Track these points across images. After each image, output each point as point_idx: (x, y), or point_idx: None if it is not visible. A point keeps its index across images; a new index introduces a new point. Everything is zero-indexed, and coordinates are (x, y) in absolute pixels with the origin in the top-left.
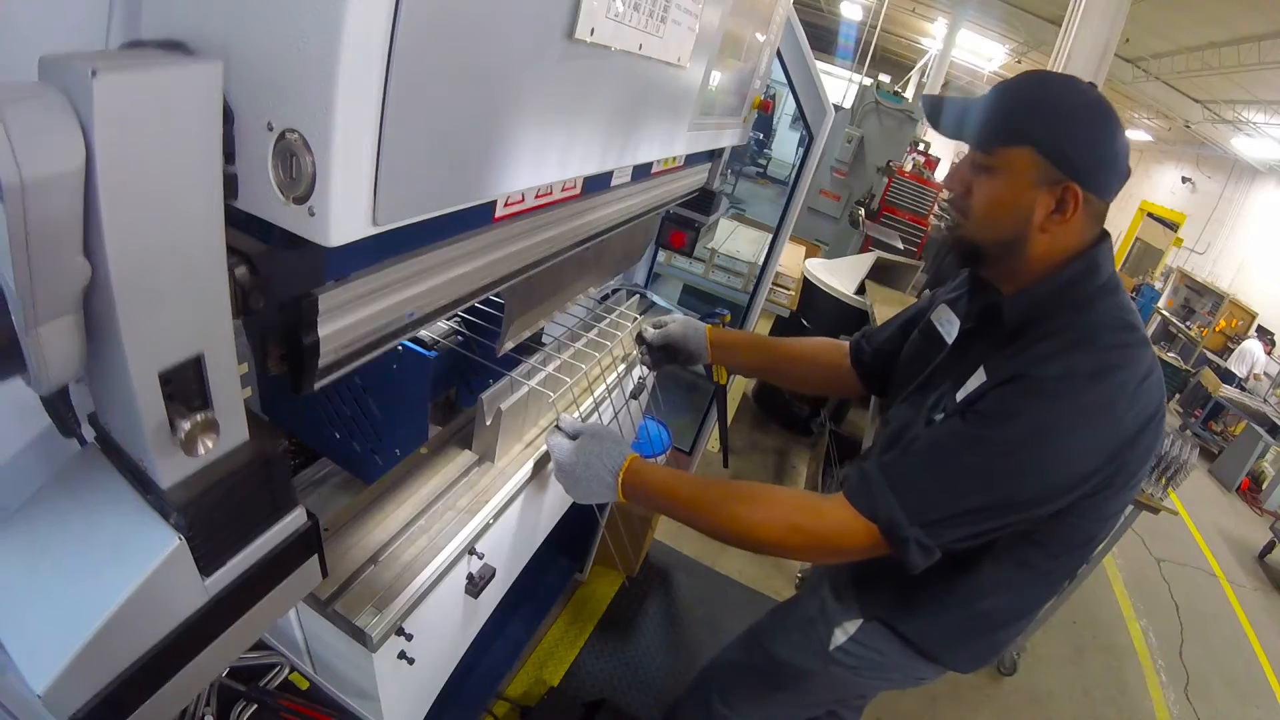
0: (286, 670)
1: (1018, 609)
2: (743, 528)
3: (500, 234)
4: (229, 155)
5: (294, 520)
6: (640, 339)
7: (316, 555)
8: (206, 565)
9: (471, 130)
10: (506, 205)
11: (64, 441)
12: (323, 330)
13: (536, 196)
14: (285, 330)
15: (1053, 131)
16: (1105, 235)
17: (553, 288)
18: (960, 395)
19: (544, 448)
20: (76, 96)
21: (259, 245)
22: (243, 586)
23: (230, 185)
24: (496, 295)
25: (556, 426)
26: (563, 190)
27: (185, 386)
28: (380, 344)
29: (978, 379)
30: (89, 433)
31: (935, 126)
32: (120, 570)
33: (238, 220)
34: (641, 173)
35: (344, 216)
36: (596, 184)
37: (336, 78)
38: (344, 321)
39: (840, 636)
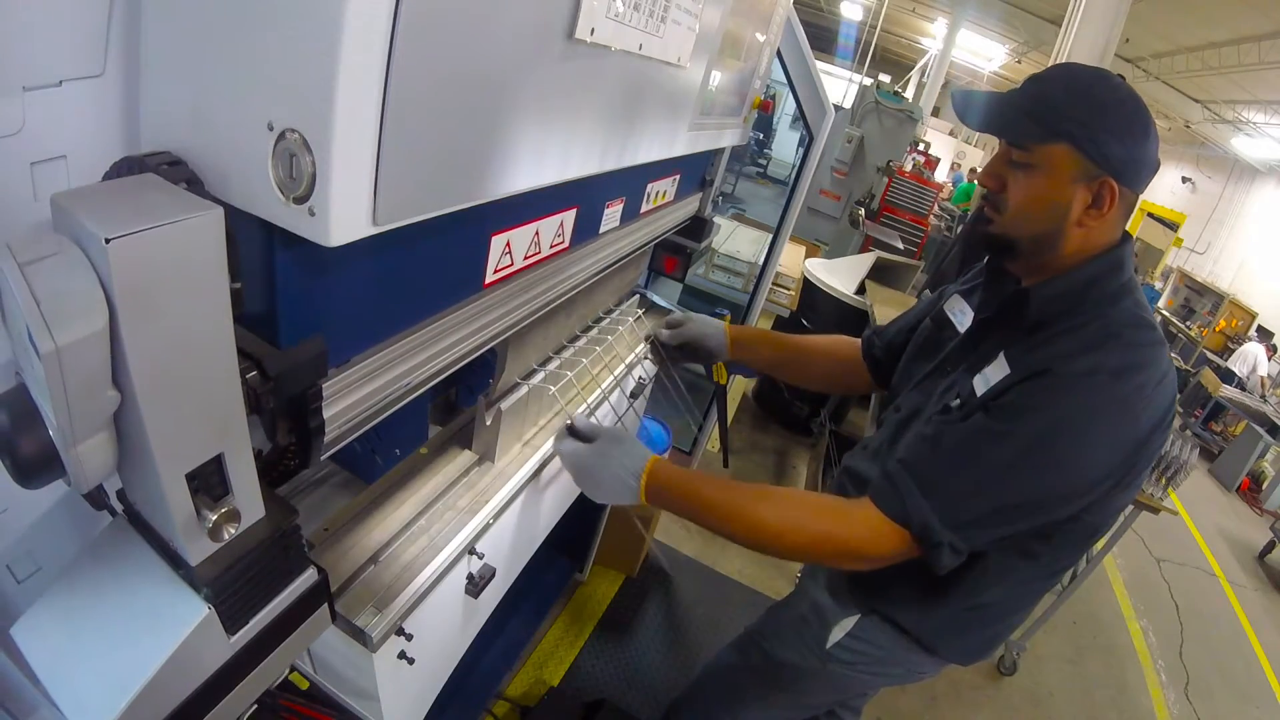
0: (287, 670)
1: (1018, 601)
2: (769, 534)
3: (491, 299)
4: (234, 274)
5: (306, 579)
6: (654, 340)
7: (326, 604)
8: (231, 626)
9: (471, 130)
10: (495, 271)
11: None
12: (327, 412)
13: (525, 258)
14: (292, 415)
15: (1089, 128)
16: (1128, 236)
17: (543, 332)
18: (979, 382)
19: (544, 447)
20: (93, 255)
21: (266, 347)
22: (262, 638)
23: (237, 300)
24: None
25: (569, 429)
26: (551, 246)
27: (208, 480)
28: (380, 413)
29: (999, 368)
30: (113, 497)
31: (965, 121)
32: (158, 636)
33: (243, 319)
34: (630, 214)
35: (344, 216)
36: (584, 234)
37: (336, 78)
38: (346, 402)
39: (838, 634)
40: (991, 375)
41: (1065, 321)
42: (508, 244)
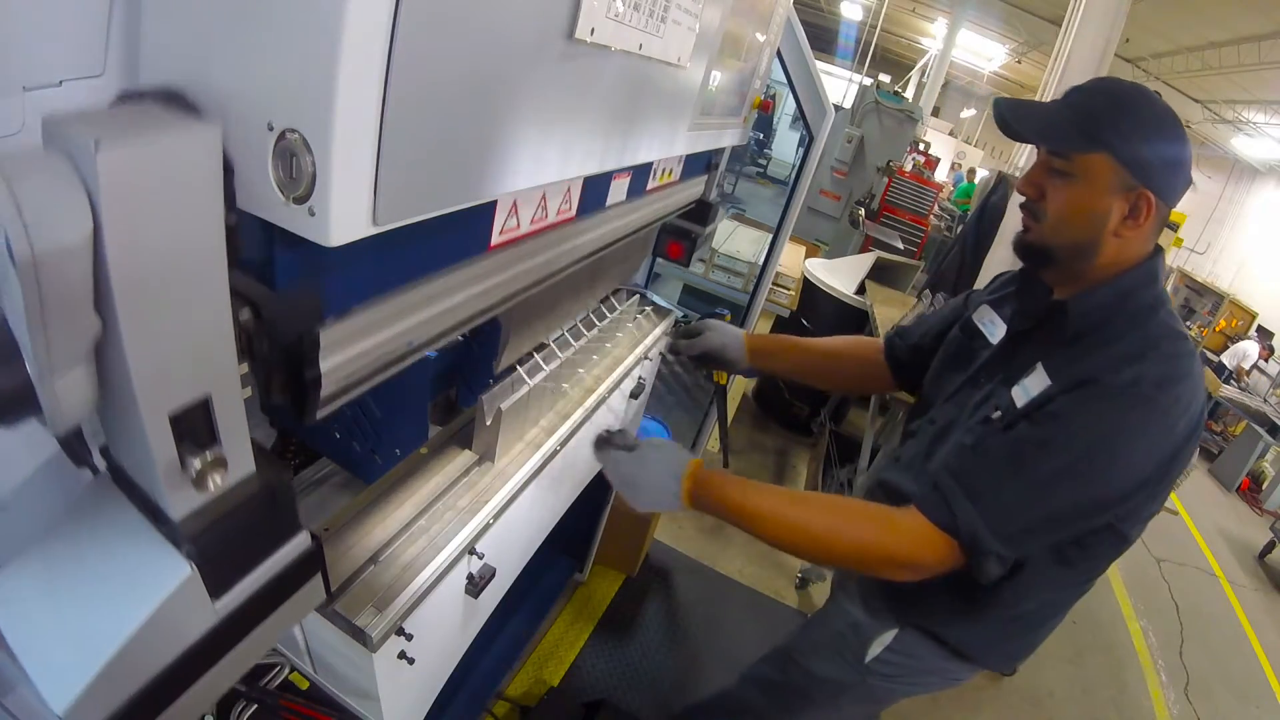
0: (286, 670)
1: (1055, 607)
2: (814, 540)
3: (496, 261)
4: (230, 205)
5: (299, 544)
6: (673, 350)
7: (320, 574)
8: (216, 589)
9: (472, 130)
10: (502, 233)
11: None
12: (324, 364)
13: (531, 222)
14: (288, 366)
15: (1129, 140)
16: (1159, 248)
17: (549, 306)
18: (1018, 393)
19: (545, 447)
20: (81, 165)
21: (261, 289)
22: (250, 607)
23: (232, 234)
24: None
25: (606, 439)
26: (557, 214)
27: (194, 426)
28: (380, 372)
29: (1039, 379)
30: (97, 455)
31: (1007, 130)
32: (135, 598)
33: (240, 263)
34: (637, 190)
35: (344, 216)
36: (591, 204)
37: (336, 77)
38: (345, 354)
39: (876, 648)
40: (1031, 387)
41: (1103, 332)
42: (514, 206)
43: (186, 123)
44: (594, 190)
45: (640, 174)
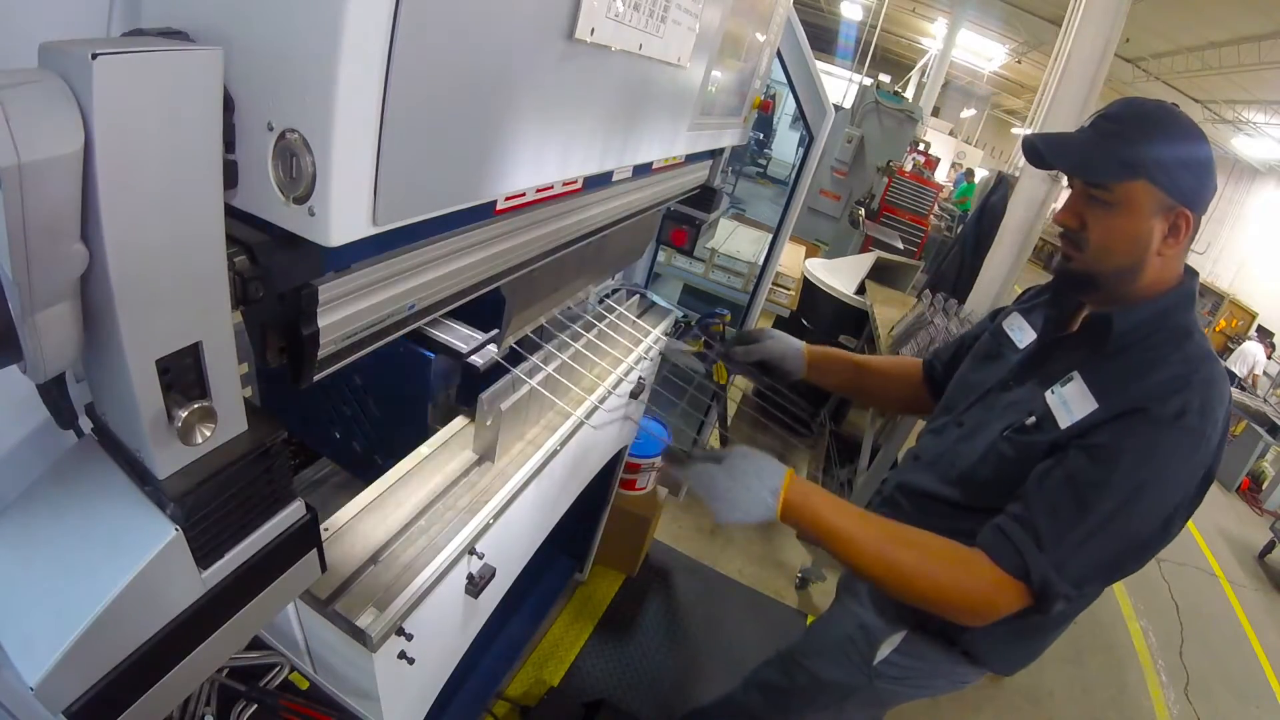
0: (286, 670)
1: (1067, 615)
2: (902, 577)
3: (501, 227)
4: (229, 144)
5: (293, 513)
6: (727, 356)
7: (316, 549)
8: (204, 557)
9: (472, 130)
10: (508, 199)
11: (63, 435)
12: (322, 321)
13: (538, 191)
14: (285, 321)
15: (1164, 164)
16: (1195, 273)
17: (553, 283)
18: (1054, 402)
19: (545, 447)
20: (76, 81)
21: (259, 235)
22: (241, 579)
23: (230, 173)
24: (497, 289)
25: (688, 455)
26: (564, 185)
27: (183, 375)
28: (381, 336)
29: (1081, 396)
30: (85, 424)
31: (1037, 163)
32: (116, 562)
33: (239, 210)
34: (643, 169)
35: (344, 217)
36: (598, 179)
37: (337, 78)
38: (344, 312)
39: (885, 650)
40: (1072, 402)
41: (1145, 351)
42: None
43: (187, 45)
44: None
45: None
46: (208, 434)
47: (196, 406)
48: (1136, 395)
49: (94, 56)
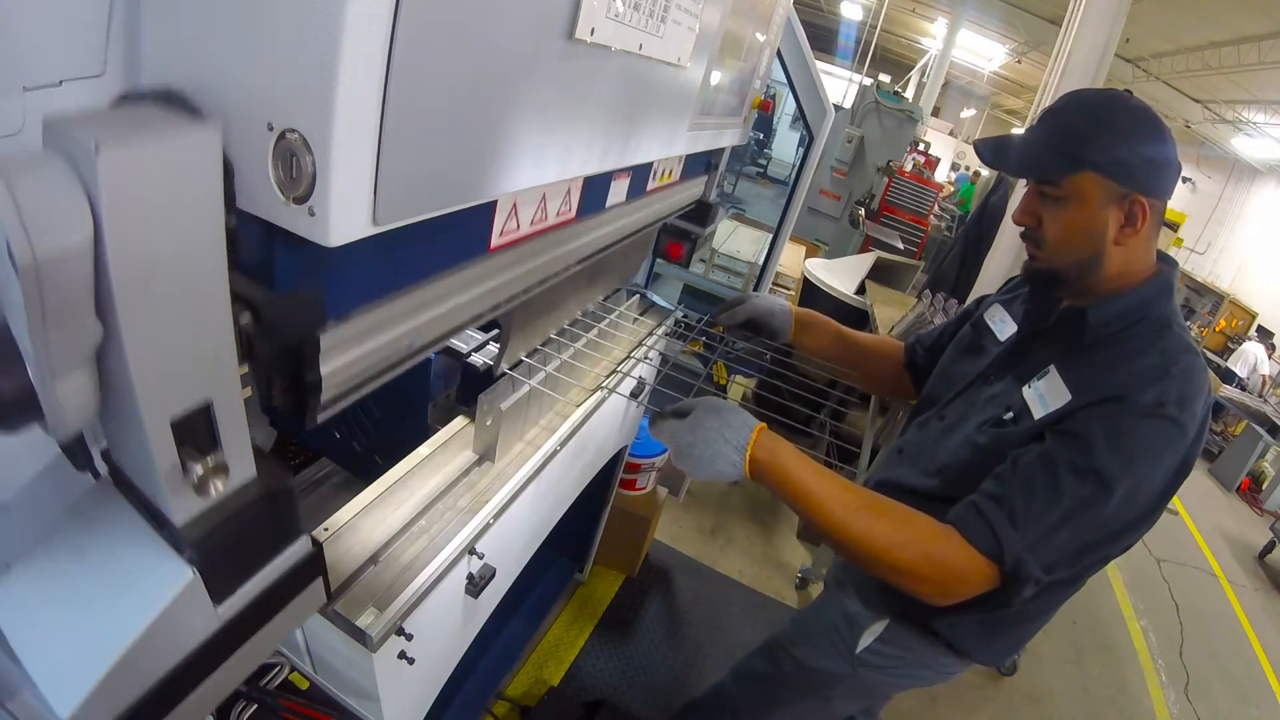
0: (286, 670)
1: (1046, 605)
2: (874, 546)
3: (496, 263)
4: (230, 206)
5: (300, 548)
6: (713, 324)
7: (321, 578)
8: (218, 594)
9: (472, 130)
10: (502, 234)
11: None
12: (325, 367)
13: (531, 223)
14: (289, 369)
15: (1110, 152)
16: (1174, 261)
17: (549, 306)
18: (1030, 396)
19: (545, 447)
20: (82, 167)
21: (262, 291)
22: (252, 611)
23: (232, 235)
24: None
25: (659, 413)
26: (557, 215)
27: (195, 430)
28: (381, 375)
29: (1056, 389)
30: (100, 465)
31: (996, 167)
32: (138, 603)
33: (240, 264)
34: (636, 190)
35: (344, 216)
36: (591, 206)
37: (337, 77)
38: (345, 358)
39: (867, 638)
40: (1047, 394)
41: (1122, 344)
42: (514, 208)
43: (187, 124)
44: (594, 191)
45: (640, 175)
46: (221, 487)
47: (211, 462)
48: (1114, 384)
49: (97, 148)
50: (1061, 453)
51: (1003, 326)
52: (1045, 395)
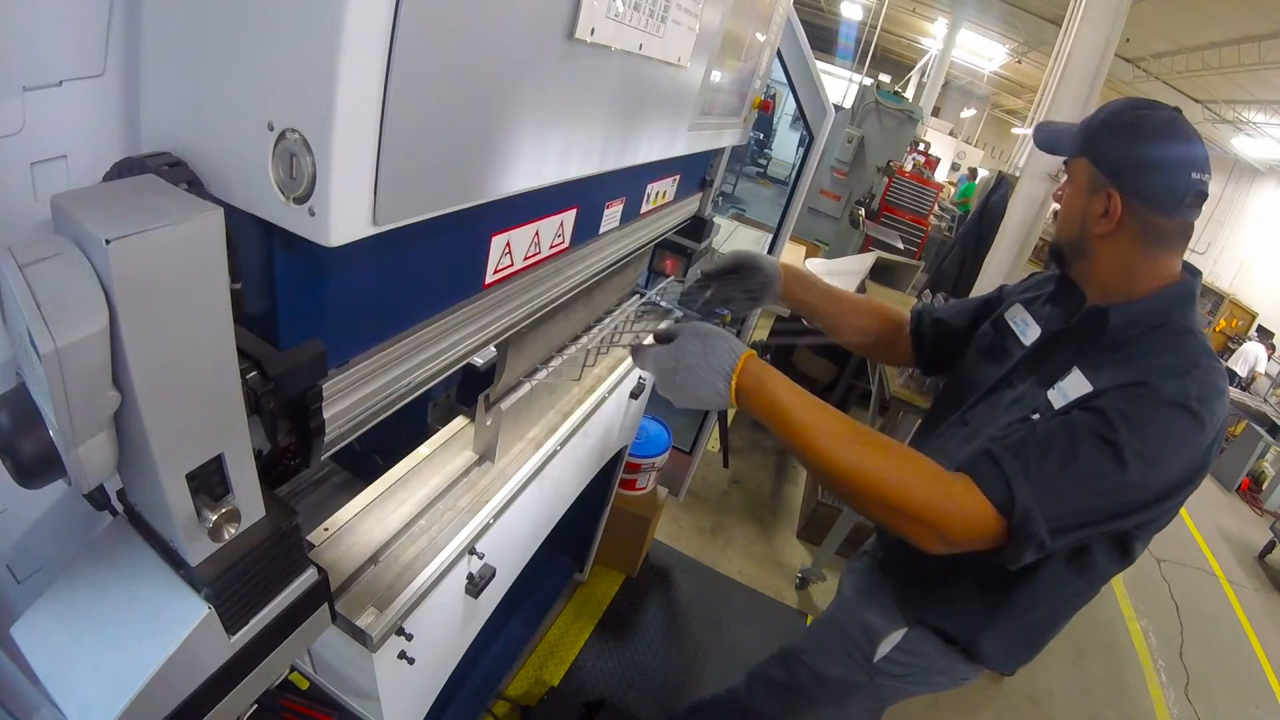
0: (287, 670)
1: (1064, 612)
2: (869, 481)
3: (490, 300)
4: (234, 275)
5: (306, 579)
6: (694, 278)
7: (326, 604)
8: (232, 626)
9: (472, 130)
10: (496, 271)
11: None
12: (327, 412)
13: (525, 258)
14: (293, 417)
15: (1102, 142)
16: (1197, 271)
17: (544, 332)
18: (1055, 396)
19: (545, 446)
20: (94, 256)
21: (266, 348)
22: (263, 637)
23: (237, 301)
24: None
25: (640, 344)
26: (550, 247)
27: (208, 480)
28: (379, 414)
29: (1078, 383)
30: (114, 497)
31: (1043, 149)
32: (158, 637)
33: (243, 320)
34: (630, 214)
35: (344, 216)
36: (584, 235)
37: (337, 78)
38: (346, 402)
39: (885, 647)
40: (1070, 391)
41: (1142, 346)
42: (507, 244)
43: (191, 206)
44: (587, 220)
45: (633, 199)
46: (233, 532)
47: (224, 510)
48: (1136, 373)
49: (108, 242)
50: (1085, 421)
51: (1025, 328)
52: (1067, 392)
